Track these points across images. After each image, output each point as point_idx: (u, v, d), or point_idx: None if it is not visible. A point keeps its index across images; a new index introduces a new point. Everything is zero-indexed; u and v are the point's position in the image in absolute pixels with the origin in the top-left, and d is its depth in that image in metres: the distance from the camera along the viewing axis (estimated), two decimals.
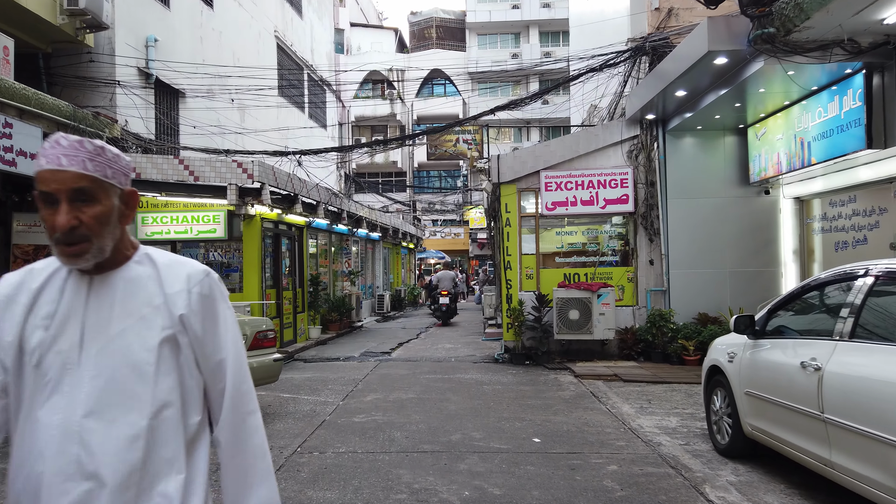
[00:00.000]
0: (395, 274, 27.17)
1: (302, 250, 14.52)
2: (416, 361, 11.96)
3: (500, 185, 12.07)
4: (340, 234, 18.16)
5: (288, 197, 12.74)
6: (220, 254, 12.39)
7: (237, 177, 10.97)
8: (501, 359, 11.91)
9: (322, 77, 26.97)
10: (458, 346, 13.91)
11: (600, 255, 12.15)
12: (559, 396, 8.53)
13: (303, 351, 13.33)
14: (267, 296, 12.36)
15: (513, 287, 12.00)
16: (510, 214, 12.06)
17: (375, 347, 13.95)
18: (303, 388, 9.44)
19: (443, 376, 10.21)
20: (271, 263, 12.93)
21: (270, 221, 12.71)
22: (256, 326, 7.42)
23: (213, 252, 12.45)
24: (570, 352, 11.74)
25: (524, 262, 12.07)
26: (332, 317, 16.11)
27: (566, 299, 11.29)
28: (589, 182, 11.90)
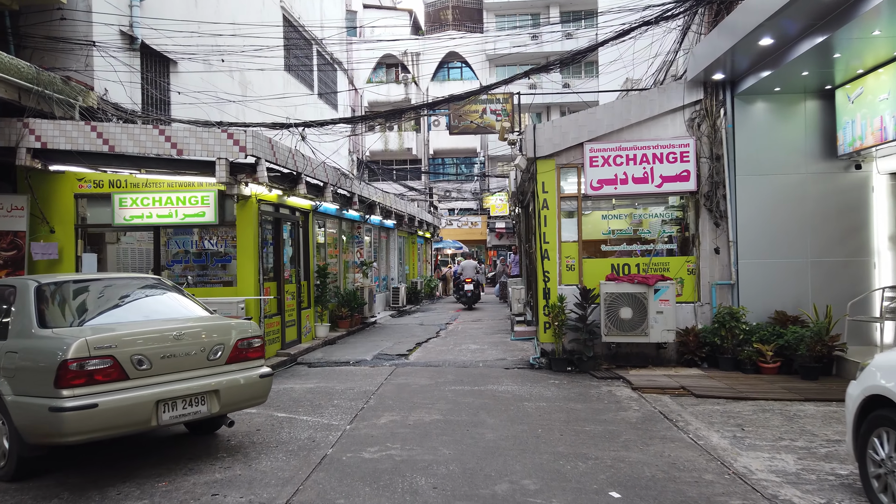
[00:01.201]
0: (411, 265, 25.47)
1: (307, 238, 12.83)
2: (439, 367, 10.24)
3: (537, 160, 10.27)
4: (351, 220, 16.46)
5: (290, 176, 11.04)
6: (215, 242, 10.72)
7: (227, 150, 9.27)
8: (538, 364, 10.16)
9: (332, 55, 25.22)
10: (484, 347, 12.17)
11: (655, 242, 10.32)
12: (623, 419, 6.77)
13: (308, 353, 11.65)
14: (266, 290, 10.68)
15: (551, 280, 10.23)
16: (548, 195, 10.27)
17: (390, 348, 12.25)
18: (303, 403, 7.74)
19: (472, 388, 8.48)
20: (271, 253, 11.25)
21: (269, 204, 11.01)
22: (237, 332, 5.71)
23: (209, 240, 10.77)
24: (619, 356, 9.97)
25: (564, 250, 10.29)
26: (342, 312, 14.43)
27: (616, 295, 9.50)
28: (642, 156, 10.08)
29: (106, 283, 6.03)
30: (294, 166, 10.87)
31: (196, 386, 5.26)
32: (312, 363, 10.83)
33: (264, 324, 10.38)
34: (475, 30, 43.70)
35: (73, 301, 5.68)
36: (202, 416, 5.33)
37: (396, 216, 20.46)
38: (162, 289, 6.25)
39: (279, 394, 8.29)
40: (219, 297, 10.05)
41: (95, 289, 5.83)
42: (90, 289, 5.90)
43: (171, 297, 6.17)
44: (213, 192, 10.12)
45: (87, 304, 5.73)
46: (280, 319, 11.26)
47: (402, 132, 43.23)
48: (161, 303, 6.00)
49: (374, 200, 16.45)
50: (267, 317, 10.69)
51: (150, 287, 6.22)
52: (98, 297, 5.74)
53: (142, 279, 6.37)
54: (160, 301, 6.03)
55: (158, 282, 6.37)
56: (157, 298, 6.07)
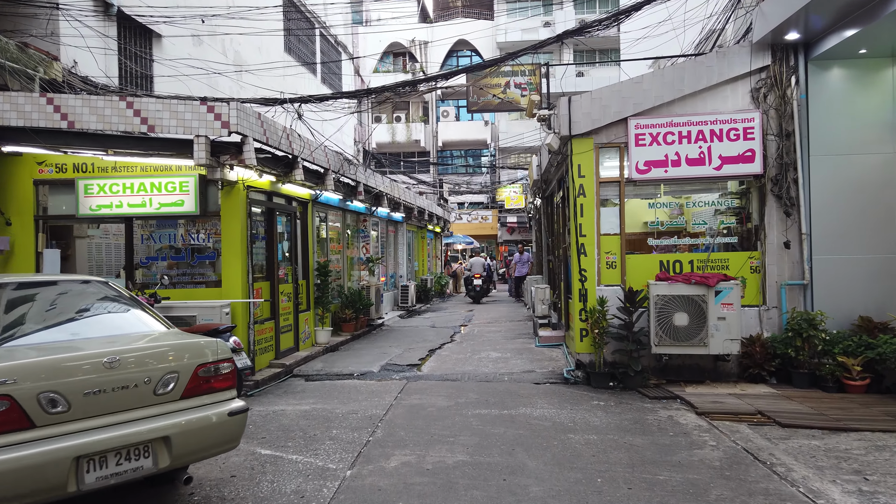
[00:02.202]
0: (420, 261, 23.99)
1: (306, 232, 11.36)
2: (457, 381, 8.76)
3: (572, 139, 8.75)
4: (356, 213, 14.97)
5: (284, 160, 9.56)
6: (198, 235, 9.24)
7: (207, 126, 7.79)
8: (574, 378, 8.66)
9: (336, 38, 23.72)
10: (507, 355, 10.68)
11: (714, 235, 8.79)
12: (702, 461, 5.26)
13: (306, 363, 10.19)
14: (256, 291, 9.22)
15: (588, 279, 8.72)
16: (584, 180, 8.75)
17: (400, 356, 10.77)
18: (294, 433, 6.27)
19: (500, 411, 6.99)
20: (263, 248, 9.78)
21: (261, 192, 9.53)
22: (197, 355, 4.23)
23: (196, 234, 9.29)
24: (669, 369, 8.46)
25: (603, 245, 8.78)
26: (346, 315, 12.96)
27: (669, 298, 7.99)
28: (698, 133, 8.54)
29: (23, 288, 4.55)
30: (289, 148, 9.38)
31: (136, 433, 3.79)
32: (310, 376, 9.37)
33: (254, 331, 8.92)
34: (485, 17, 42.13)
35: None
36: (146, 472, 3.86)
37: (405, 209, 18.97)
38: (104, 295, 4.76)
39: (266, 419, 6.82)
40: (200, 300, 8.60)
41: (5, 296, 4.33)
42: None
43: (114, 306, 4.70)
44: (193, 178, 8.65)
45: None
46: (273, 325, 9.80)
47: (409, 123, 41.81)
48: (98, 315, 4.54)
49: (381, 191, 14.96)
50: (258, 322, 9.24)
51: (86, 293, 4.73)
52: (7, 308, 4.25)
53: (76, 282, 4.87)
54: (98, 313, 4.57)
55: (103, 286, 4.89)
56: (95, 309, 4.60)
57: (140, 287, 8.80)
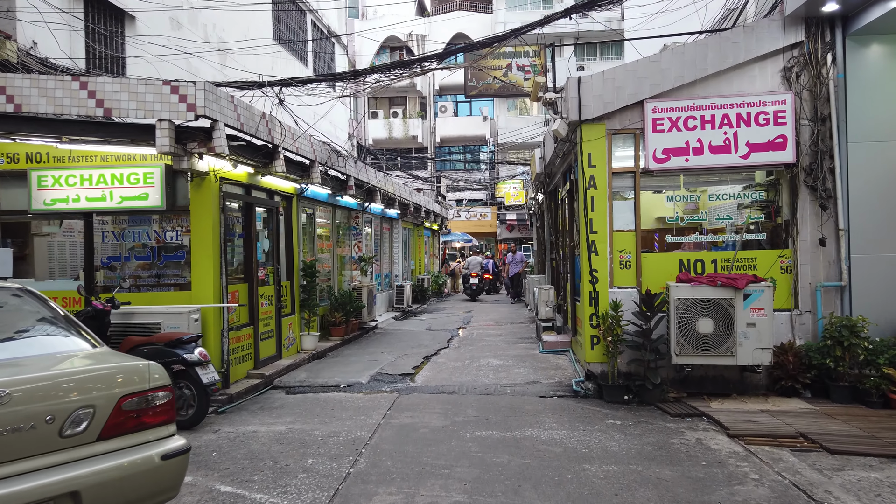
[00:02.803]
0: (417, 259, 23.09)
1: (290, 229, 10.46)
2: (454, 394, 7.87)
3: (582, 124, 7.86)
4: (347, 209, 14.07)
5: (264, 150, 8.66)
6: (169, 232, 8.33)
7: (171, 109, 6.89)
8: (584, 391, 7.78)
9: (329, 28, 22.79)
10: (509, 363, 9.79)
11: (741, 230, 7.90)
12: (747, 503, 4.37)
13: (288, 372, 9.29)
14: (232, 295, 8.32)
15: (600, 281, 7.83)
16: (595, 170, 7.86)
17: (392, 364, 9.88)
18: (263, 463, 5.38)
19: (503, 433, 6.10)
20: (240, 247, 8.89)
21: (237, 185, 8.63)
22: (122, 384, 3.33)
23: (163, 231, 8.38)
24: (690, 381, 7.59)
25: (617, 242, 7.89)
26: (335, 318, 12.07)
27: (692, 302, 7.11)
28: (723, 117, 7.65)
29: None
30: (269, 136, 8.48)
31: (31, 490, 2.90)
32: (292, 387, 8.48)
33: (228, 339, 8.02)
34: (484, 10, 41.23)
35: None
36: None
37: (400, 205, 18.07)
38: (14, 305, 3.85)
39: (234, 443, 5.93)
40: (167, 304, 7.70)
41: None
42: None
43: (26, 319, 3.80)
44: (158, 168, 7.75)
45: None
46: (252, 331, 8.91)
47: (406, 119, 40.95)
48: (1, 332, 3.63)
49: (373, 185, 14.05)
50: (233, 329, 8.34)
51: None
52: None
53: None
54: (1, 329, 3.66)
55: (18, 293, 3.98)
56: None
57: (101, 290, 7.91)
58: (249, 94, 9.00)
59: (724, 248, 8.00)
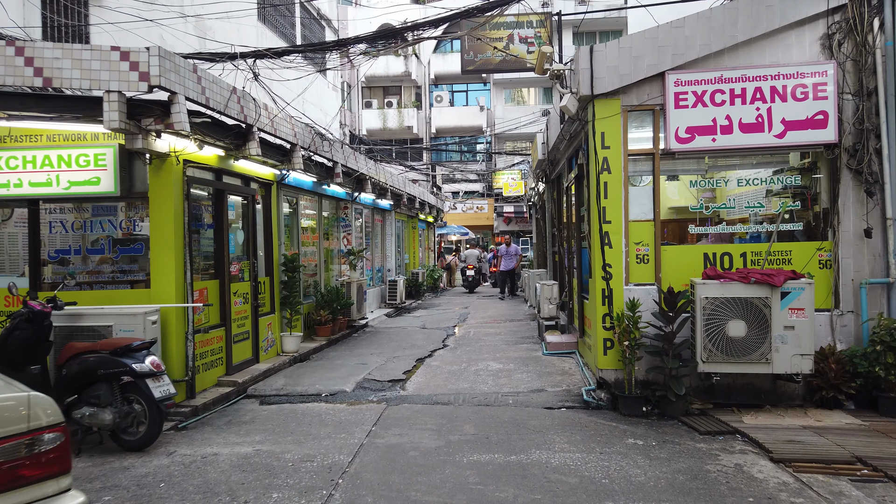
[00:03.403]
0: (411, 253, 22.16)
1: (269, 219, 9.51)
2: (449, 405, 6.96)
3: (594, 99, 6.93)
4: (335, 198, 13.13)
5: (236, 130, 7.71)
6: (123, 222, 7.37)
7: (121, 78, 5.94)
8: (597, 402, 6.89)
9: (319, 10, 21.76)
10: (510, 367, 8.89)
11: (776, 220, 6.98)
12: None
13: (265, 379, 8.37)
14: (199, 292, 7.39)
15: (614, 277, 6.92)
16: (609, 152, 6.94)
17: (381, 368, 8.97)
18: (218, 500, 4.46)
19: (506, 458, 5.19)
20: (210, 239, 7.94)
21: (205, 169, 7.68)
22: None
23: (129, 220, 7.42)
24: (717, 390, 6.70)
25: (633, 234, 6.98)
26: (321, 316, 11.14)
27: (721, 301, 6.21)
28: (755, 91, 6.73)
29: None
30: (241, 114, 7.53)
31: None
32: (267, 396, 7.57)
33: (194, 343, 7.09)
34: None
35: None
36: None
37: (393, 195, 17.12)
38: None
39: (188, 472, 5.01)
40: (122, 304, 6.77)
41: None
42: None
43: None
44: (111, 149, 6.80)
45: None
46: (224, 333, 7.97)
47: (401, 109, 39.96)
48: None
49: (363, 173, 13.10)
50: (201, 331, 7.41)
51: None
52: None
53: None
54: None
55: None
56: None
57: (49, 288, 6.97)
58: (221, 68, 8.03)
59: (752, 240, 7.11)
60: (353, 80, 38.58)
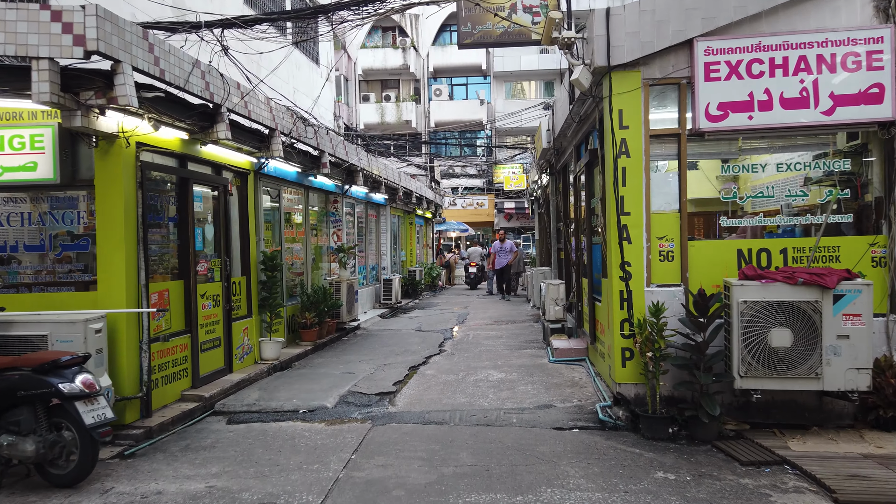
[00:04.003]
0: (408, 250, 21.22)
1: (246, 213, 8.57)
2: (443, 424, 6.04)
3: (611, 72, 5.99)
4: (324, 191, 12.20)
5: (201, 110, 6.77)
6: (63, 214, 6.41)
7: (52, 43, 5.01)
8: (613, 421, 5.96)
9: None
10: (513, 375, 7.96)
11: (826, 210, 6.05)
12: None
13: (237, 391, 7.43)
14: (159, 294, 6.46)
15: (634, 277, 5.99)
16: (628, 133, 6.00)
17: (370, 378, 8.04)
18: None
19: (511, 499, 4.27)
20: (173, 234, 7.01)
21: (165, 154, 6.74)
22: None
23: (61, 212, 6.46)
24: (753, 407, 5.78)
25: (655, 226, 6.05)
26: (307, 319, 10.21)
27: (763, 306, 5.28)
28: (799, 60, 5.79)
29: None
30: (206, 92, 6.58)
31: None
32: (237, 413, 6.64)
33: (150, 353, 6.15)
34: None
35: None
36: None
37: (388, 189, 16.17)
38: None
39: None
40: (64, 308, 5.84)
41: None
42: None
43: None
44: (50, 129, 5.87)
45: None
46: (189, 340, 7.04)
47: (399, 102, 39.06)
48: None
49: (353, 164, 12.15)
50: (161, 339, 6.48)
51: None
52: None
53: None
54: None
55: None
56: None
57: None
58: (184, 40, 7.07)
59: (786, 235, 6.18)
60: (349, 73, 37.66)
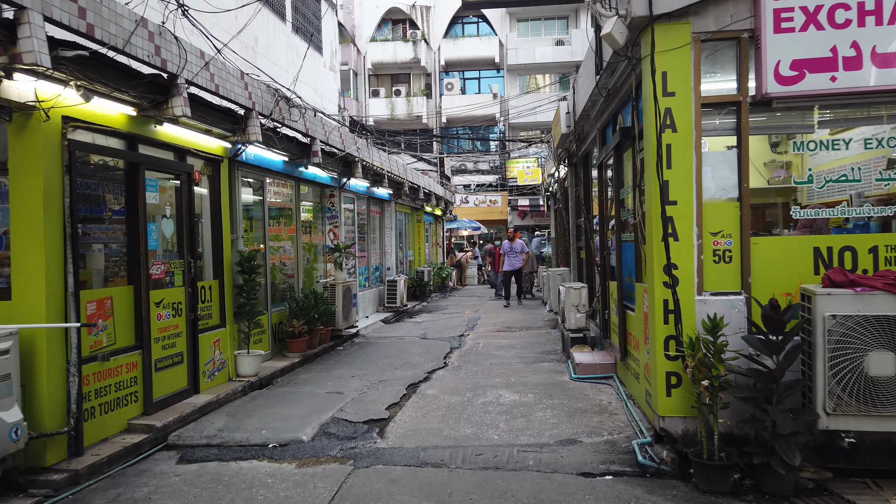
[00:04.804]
0: (416, 249, 20.03)
1: (218, 206, 7.41)
2: (442, 468, 4.83)
3: (653, 24, 4.74)
4: (319, 183, 11.03)
5: (154, 82, 5.61)
6: None
7: None
8: (657, 465, 4.71)
9: None
10: (529, 397, 6.74)
11: None
12: None
13: (200, 417, 6.26)
14: (98, 303, 5.30)
15: (681, 282, 4.74)
16: (674, 100, 4.75)
17: (359, 400, 6.84)
18: None
19: None
20: (121, 231, 5.85)
21: (106, 134, 5.58)
22: None
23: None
24: (836, 449, 4.50)
25: (709, 219, 4.79)
26: (294, 327, 9.03)
27: (857, 322, 4.02)
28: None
29: None
30: (155, 57, 5.42)
31: None
32: (193, 448, 5.46)
33: (80, 377, 4.98)
34: None
35: None
36: None
37: (392, 183, 14.99)
38: None
39: None
40: None
41: None
42: None
43: None
44: None
45: None
46: (140, 358, 5.88)
47: (410, 97, 37.97)
48: None
49: (349, 154, 10.96)
50: (99, 358, 5.32)
51: None
52: None
53: None
54: None
55: None
56: None
57: None
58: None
59: (859, 230, 4.90)
60: (359, 68, 36.62)
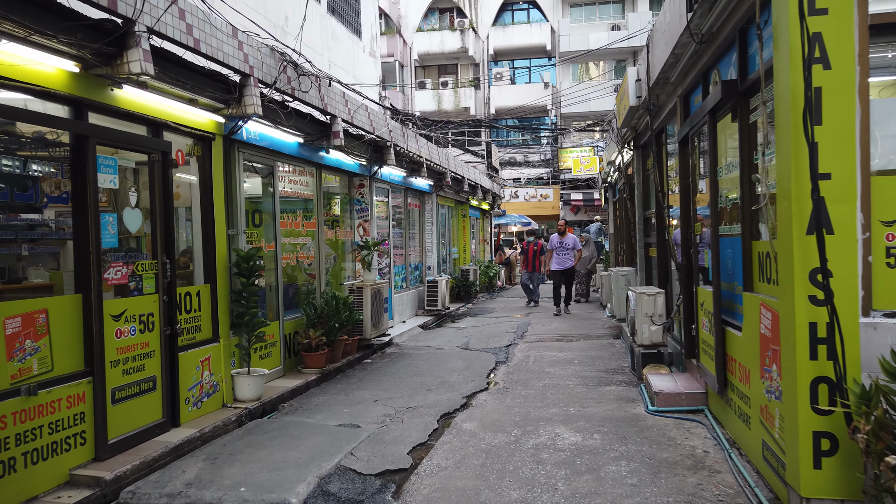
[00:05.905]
0: (461, 246, 18.53)
1: (209, 195, 6.07)
2: None
3: None
4: (345, 171, 9.65)
5: (105, 29, 4.28)
6: None
7: None
8: None
9: None
10: (593, 440, 5.17)
11: None
12: None
13: (170, 463, 4.90)
14: (25, 321, 4.00)
15: (839, 294, 3.07)
16: (826, 21, 3.09)
17: (375, 440, 5.40)
18: None
19: None
20: (59, 223, 4.54)
21: (41, 97, 4.26)
22: None
23: None
24: None
25: (878, 202, 3.12)
26: (312, 338, 7.64)
27: None
28: None
29: None
30: None
31: None
32: None
33: None
34: None
35: None
36: None
37: (433, 173, 13.53)
38: None
39: None
40: None
41: None
42: None
43: None
44: None
45: None
46: (90, 387, 4.56)
47: (458, 89, 36.56)
48: None
49: (378, 136, 9.51)
50: (21, 392, 4.01)
51: None
52: None
53: None
54: None
55: None
56: None
57: None
58: None
59: None
60: (405, 59, 35.38)
